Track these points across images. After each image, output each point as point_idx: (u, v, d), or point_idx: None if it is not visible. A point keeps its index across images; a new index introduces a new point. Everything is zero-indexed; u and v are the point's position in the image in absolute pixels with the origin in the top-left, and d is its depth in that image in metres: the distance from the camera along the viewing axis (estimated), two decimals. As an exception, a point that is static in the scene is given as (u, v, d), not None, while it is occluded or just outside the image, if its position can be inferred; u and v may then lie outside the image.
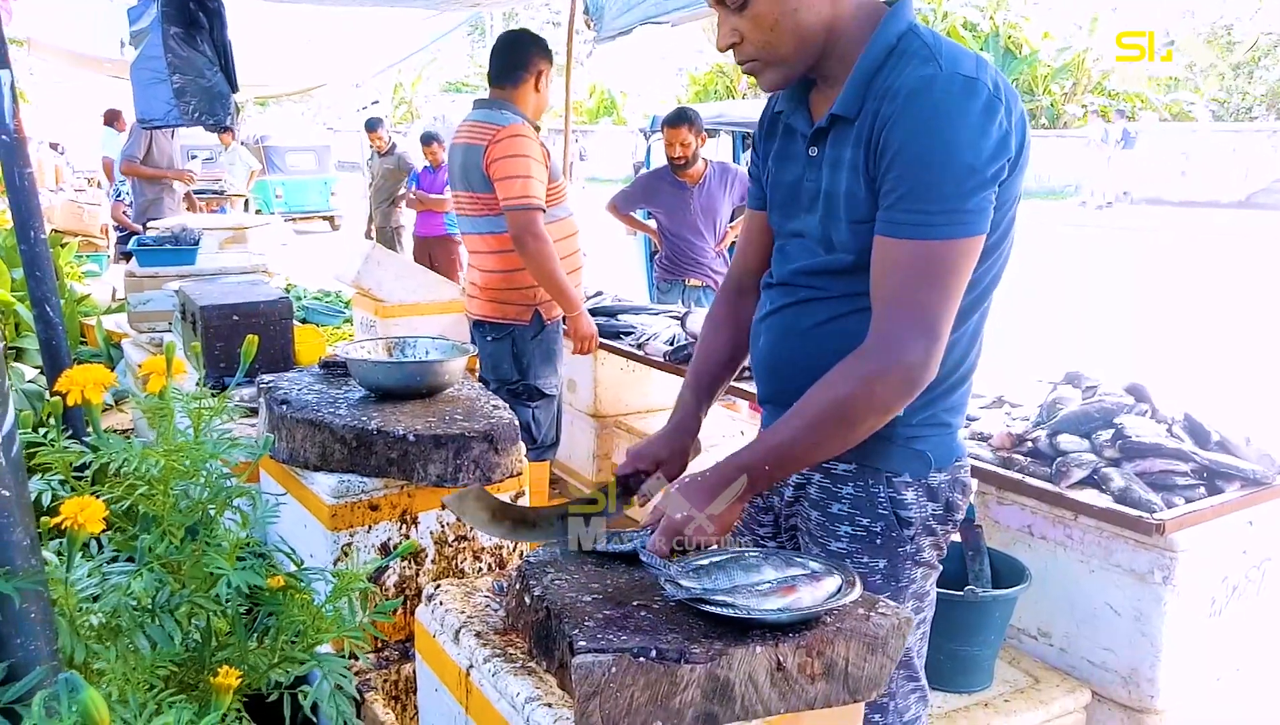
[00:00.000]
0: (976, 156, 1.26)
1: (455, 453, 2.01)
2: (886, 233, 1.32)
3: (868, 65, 1.35)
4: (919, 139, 1.27)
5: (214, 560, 0.82)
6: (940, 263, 1.29)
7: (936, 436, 1.46)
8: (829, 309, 1.45)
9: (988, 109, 1.27)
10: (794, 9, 1.34)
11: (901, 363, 1.29)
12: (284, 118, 27.49)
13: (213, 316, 2.76)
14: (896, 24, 1.36)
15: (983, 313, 1.46)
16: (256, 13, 4.76)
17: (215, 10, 3.20)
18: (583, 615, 1.27)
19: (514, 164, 3.08)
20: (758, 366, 1.59)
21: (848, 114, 1.36)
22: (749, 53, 1.40)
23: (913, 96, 1.28)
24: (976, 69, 1.29)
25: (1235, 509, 2.31)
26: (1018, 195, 1.38)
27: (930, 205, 1.27)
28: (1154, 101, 23.23)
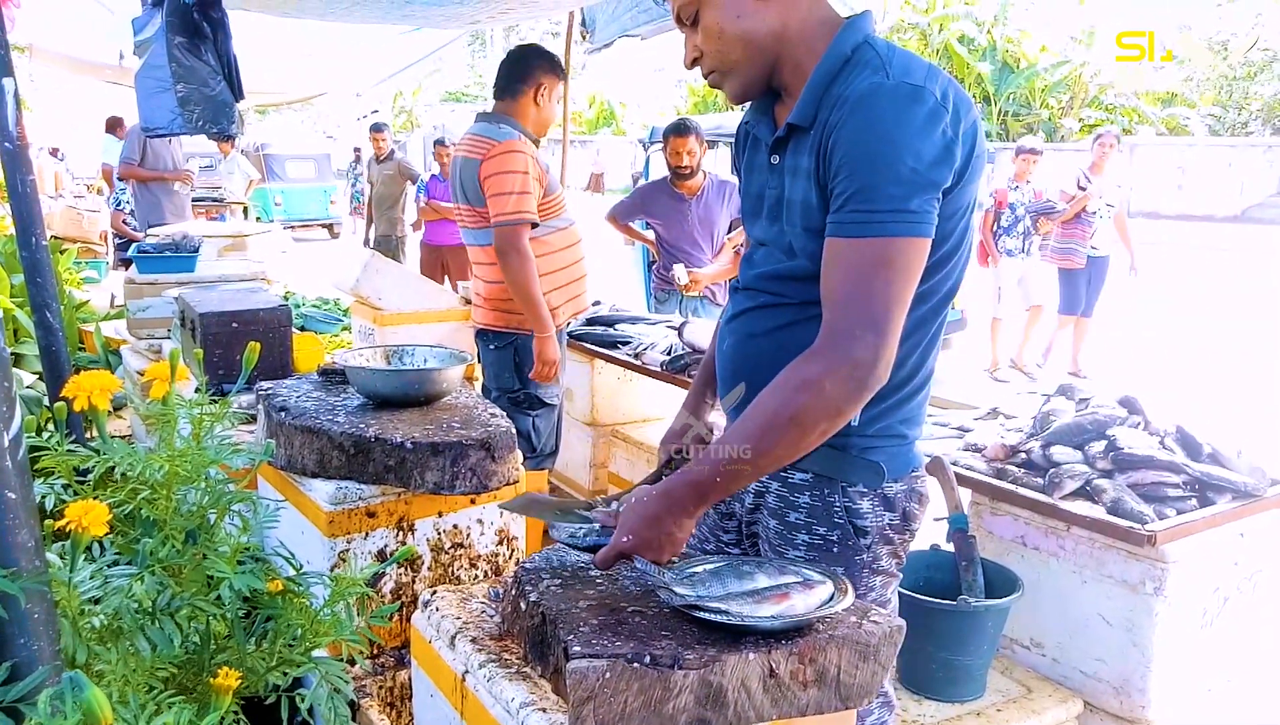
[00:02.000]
0: (918, 160, 1.28)
1: (452, 460, 2.02)
2: (834, 234, 1.34)
3: (822, 75, 1.38)
4: (863, 142, 1.30)
5: (215, 564, 0.83)
6: (884, 260, 1.30)
7: (891, 447, 1.48)
8: (788, 314, 1.47)
9: (932, 115, 1.29)
10: (736, 15, 1.40)
11: (849, 360, 1.29)
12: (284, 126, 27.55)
13: (212, 323, 2.78)
14: (853, 36, 1.40)
15: (938, 324, 1.47)
16: (258, 23, 4.78)
17: (219, 20, 3.23)
18: (577, 621, 1.28)
19: (506, 180, 3.10)
20: (720, 368, 1.62)
21: (803, 123, 1.39)
22: (708, 65, 1.47)
23: (859, 103, 1.31)
24: (925, 78, 1.32)
25: (1227, 521, 2.33)
26: (969, 205, 1.40)
27: (873, 205, 1.29)
28: (1150, 116, 23.32)
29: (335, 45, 6.65)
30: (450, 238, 7.74)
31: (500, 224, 3.11)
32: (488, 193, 3.13)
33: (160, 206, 7.66)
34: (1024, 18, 23.78)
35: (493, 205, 3.12)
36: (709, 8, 1.41)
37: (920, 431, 1.54)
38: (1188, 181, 18.91)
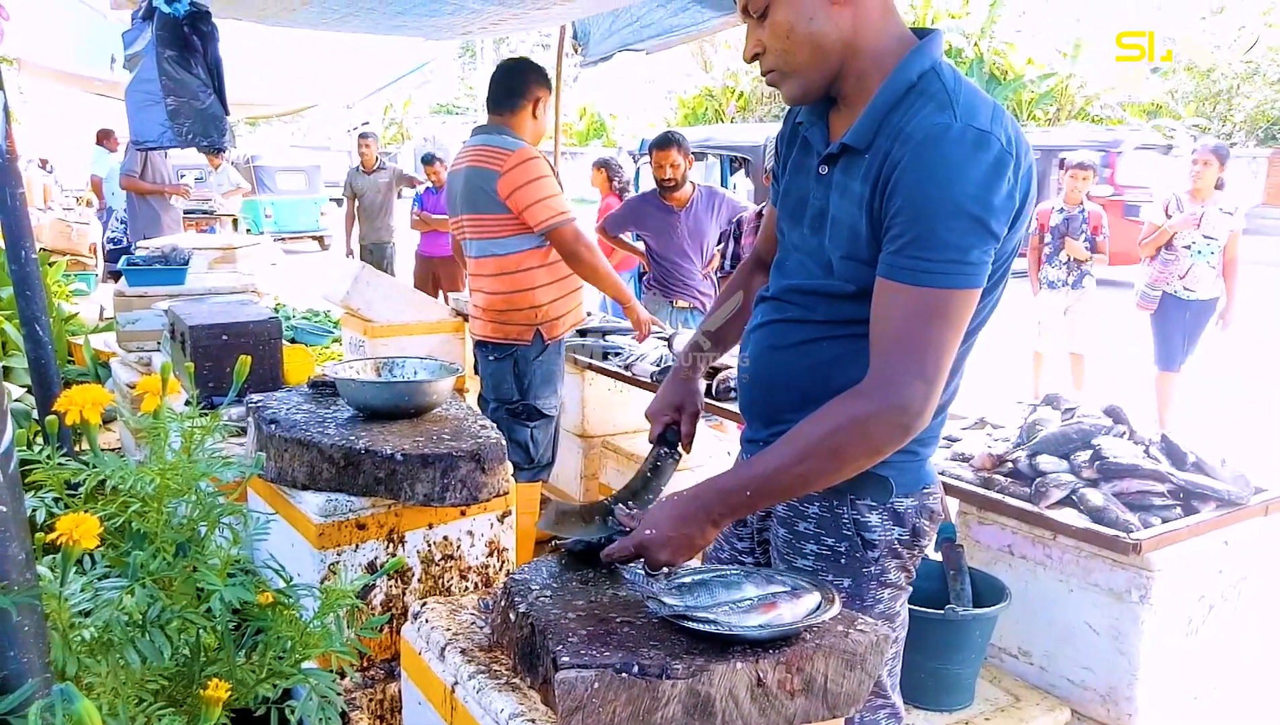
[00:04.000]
0: (984, 210, 1.28)
1: (442, 472, 2.03)
2: (889, 276, 1.33)
3: (885, 99, 1.36)
4: (927, 188, 1.28)
5: (205, 576, 0.84)
6: (940, 311, 1.30)
7: (903, 463, 1.48)
8: (813, 331, 1.48)
9: (998, 164, 1.28)
10: (809, 18, 1.36)
11: (897, 406, 1.31)
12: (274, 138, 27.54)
13: (202, 336, 2.78)
14: (920, 61, 1.37)
15: (967, 349, 1.48)
16: (249, 33, 4.79)
17: (209, 34, 3.25)
18: (566, 631, 1.29)
19: (535, 188, 3.15)
20: (740, 376, 1.64)
21: (859, 146, 1.37)
22: (770, 63, 1.43)
23: (925, 144, 1.29)
24: (991, 122, 1.30)
25: (1211, 529, 2.35)
26: (1016, 246, 1.40)
27: (933, 253, 1.28)
28: (1136, 127, 23.49)
29: (325, 58, 6.68)
30: (442, 249, 7.78)
31: (550, 228, 3.18)
32: (520, 205, 3.17)
33: (159, 220, 7.71)
34: (1010, 31, 23.96)
35: (533, 214, 3.17)
36: (781, 4, 1.37)
37: (934, 450, 1.55)
38: (1174, 192, 19.04)
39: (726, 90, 26.42)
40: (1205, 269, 5.58)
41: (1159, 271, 5.69)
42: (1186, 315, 5.67)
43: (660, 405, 1.72)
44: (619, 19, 4.61)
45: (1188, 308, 5.66)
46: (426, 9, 3.68)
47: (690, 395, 1.72)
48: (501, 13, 3.78)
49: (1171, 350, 5.77)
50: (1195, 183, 5.55)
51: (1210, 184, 5.53)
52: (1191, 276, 5.60)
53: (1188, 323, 5.69)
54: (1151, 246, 5.68)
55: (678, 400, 1.71)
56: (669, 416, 1.69)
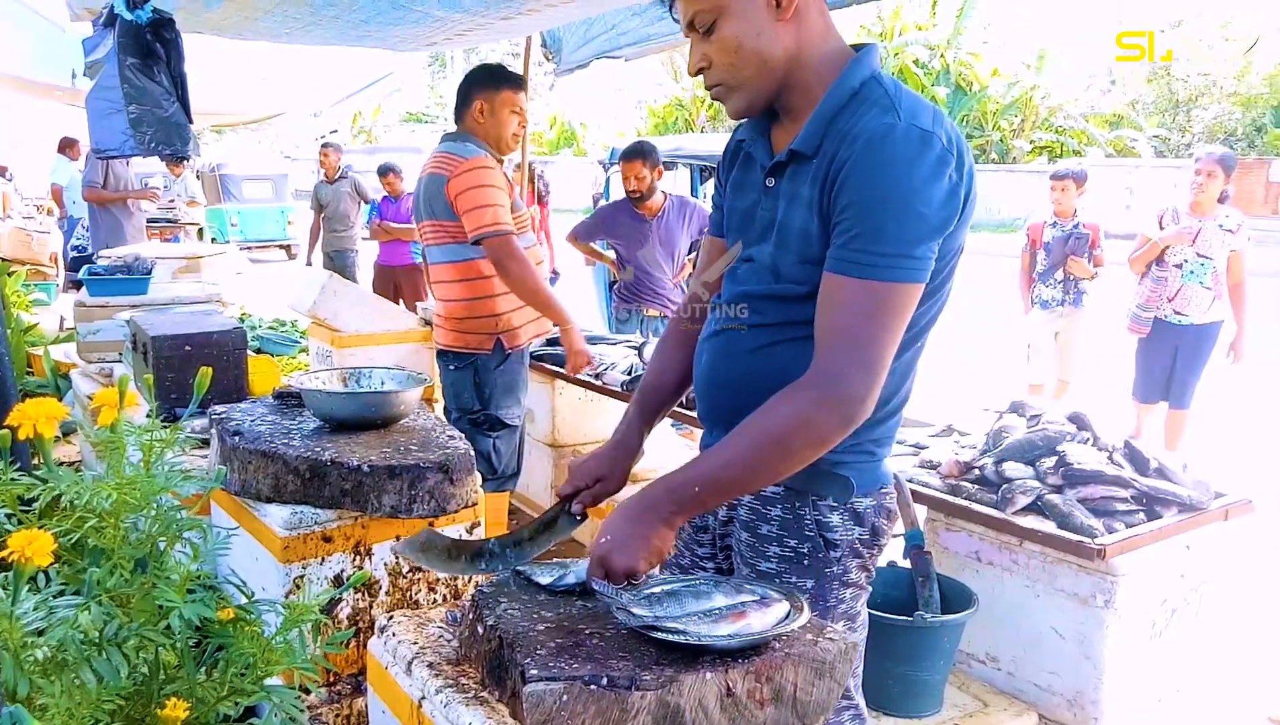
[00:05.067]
0: (927, 205, 1.32)
1: (410, 483, 2.01)
2: (835, 270, 1.36)
3: (830, 106, 1.40)
4: (875, 185, 1.32)
5: (164, 593, 0.82)
6: (884, 304, 1.34)
7: (861, 463, 1.51)
8: (769, 335, 1.50)
9: (940, 161, 1.33)
10: (756, 33, 1.40)
11: (841, 396, 1.34)
12: (240, 145, 27.27)
13: (164, 347, 2.74)
14: (860, 70, 1.42)
15: (916, 351, 1.51)
16: (214, 41, 4.74)
17: (173, 41, 3.20)
18: (534, 644, 1.28)
19: (478, 194, 3.13)
20: (698, 383, 1.64)
21: (807, 151, 1.41)
22: (716, 77, 1.46)
23: (871, 143, 1.33)
24: (933, 122, 1.35)
25: (1173, 534, 2.38)
26: (960, 246, 1.44)
27: (880, 247, 1.32)
28: (1098, 137, 23.90)
29: (292, 66, 6.62)
30: (403, 258, 7.79)
31: (483, 236, 3.13)
32: (462, 209, 3.15)
33: (122, 229, 7.60)
34: (976, 42, 24.30)
35: (469, 221, 3.14)
36: (729, 20, 1.40)
37: (890, 450, 1.57)
38: (1135, 201, 19.36)
39: (697, 100, 26.54)
40: (1198, 291, 4.87)
41: (1150, 292, 5.03)
42: (1177, 343, 4.96)
43: (586, 468, 1.64)
44: (594, 26, 4.61)
45: (1179, 335, 4.95)
46: (390, 17, 3.65)
47: (618, 470, 1.64)
48: (468, 22, 3.76)
49: (1151, 381, 5.10)
50: (1196, 195, 4.91)
51: (1213, 197, 4.87)
52: (1182, 299, 4.92)
53: (1179, 352, 4.98)
54: (1142, 262, 5.04)
55: (603, 471, 1.63)
56: (582, 483, 1.62)
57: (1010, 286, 6.47)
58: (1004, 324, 6.69)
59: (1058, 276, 5.55)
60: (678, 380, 1.73)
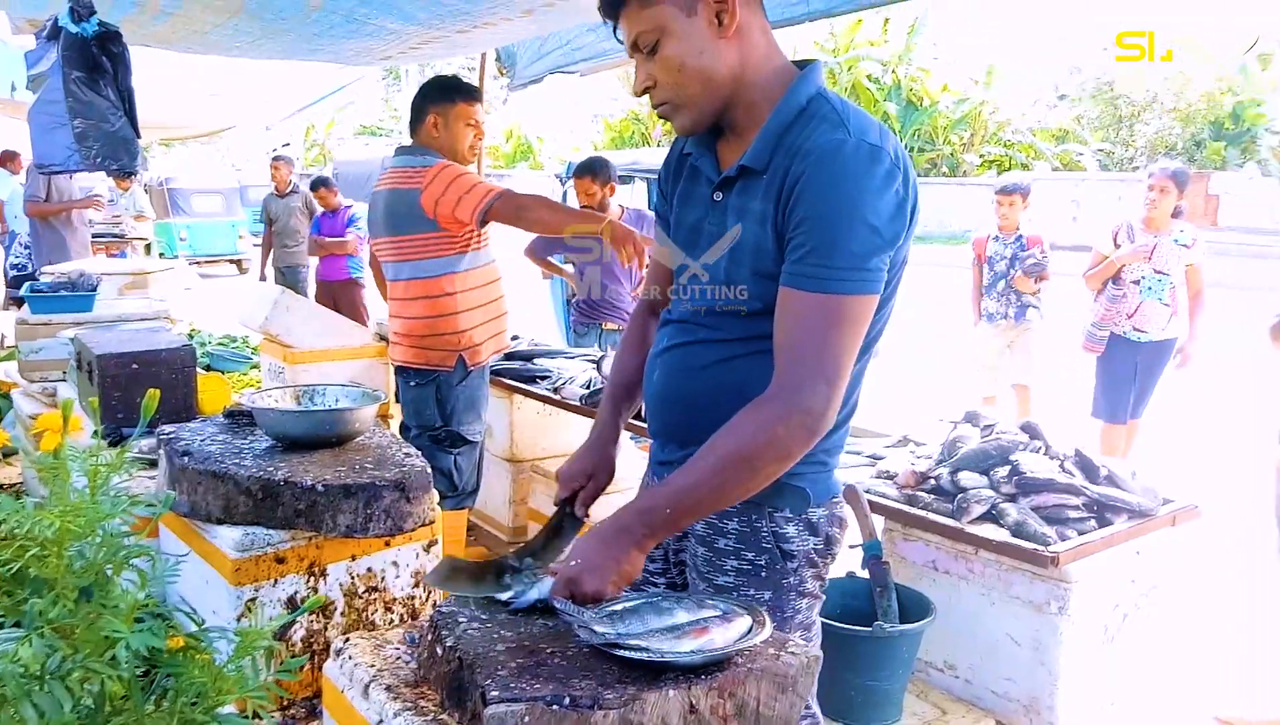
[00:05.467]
0: (878, 218, 1.34)
1: (366, 502, 1.98)
2: (792, 285, 1.38)
3: (779, 122, 1.43)
4: (828, 199, 1.35)
5: (110, 623, 0.80)
6: (842, 316, 1.36)
7: (815, 474, 1.53)
8: (723, 350, 1.51)
9: (889, 176, 1.36)
10: (699, 52, 1.42)
11: (803, 409, 1.35)
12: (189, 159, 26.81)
13: (110, 365, 2.68)
14: (807, 87, 1.45)
15: (865, 363, 1.53)
16: (164, 54, 4.66)
17: (119, 55, 3.14)
18: (495, 664, 1.27)
19: (457, 185, 3.07)
20: (650, 401, 1.64)
21: (758, 166, 1.43)
22: (661, 96, 1.48)
23: (824, 159, 1.35)
24: (880, 137, 1.38)
25: (1124, 540, 2.43)
26: (905, 259, 1.47)
27: (834, 260, 1.34)
28: (1045, 152, 24.46)
29: (244, 78, 6.53)
30: (339, 273, 7.78)
31: (486, 209, 3.04)
32: (449, 208, 3.08)
33: (65, 245, 7.41)
34: (926, 58, 24.76)
35: (463, 211, 3.06)
36: (672, 39, 1.42)
37: (839, 459, 1.59)
38: (1082, 214, 19.83)
39: (653, 115, 26.61)
40: (1157, 307, 4.79)
41: (1106, 309, 4.92)
42: (1136, 360, 4.87)
43: (574, 470, 1.69)
44: (548, 42, 4.62)
45: (1138, 351, 4.86)
46: (344, 30, 3.63)
47: (604, 464, 1.69)
48: (423, 35, 3.75)
49: (1116, 400, 4.95)
50: (1149, 211, 4.80)
51: (1166, 212, 4.78)
52: (1141, 315, 4.81)
53: (1139, 368, 4.88)
54: (1097, 280, 4.94)
55: (590, 468, 1.69)
56: (578, 483, 1.68)
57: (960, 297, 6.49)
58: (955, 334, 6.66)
59: (999, 288, 5.53)
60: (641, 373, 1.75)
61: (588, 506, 1.67)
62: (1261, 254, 14.59)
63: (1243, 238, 16.97)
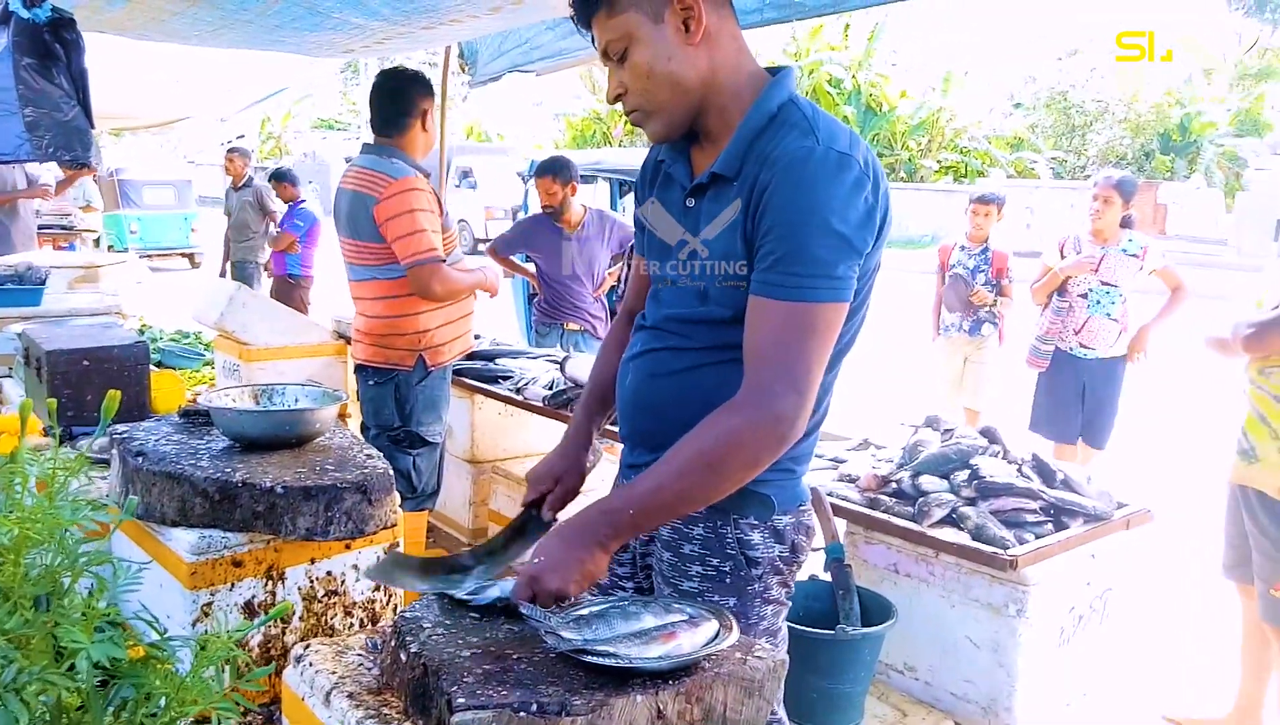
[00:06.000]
0: (846, 225, 1.34)
1: (326, 505, 1.95)
2: (762, 293, 1.38)
3: (749, 129, 1.43)
4: (796, 207, 1.35)
5: (69, 633, 0.77)
6: (811, 324, 1.36)
7: (781, 481, 1.53)
8: (695, 357, 1.51)
9: (857, 184, 1.36)
10: (668, 58, 1.42)
11: (772, 417, 1.35)
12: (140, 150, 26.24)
13: (60, 362, 2.60)
14: (779, 93, 1.45)
15: (836, 372, 1.54)
16: (116, 42, 4.55)
17: (73, 42, 3.05)
18: (461, 670, 1.25)
19: (408, 221, 3.04)
20: (622, 405, 1.64)
21: (728, 173, 1.43)
22: (633, 103, 1.48)
23: (791, 167, 1.35)
24: (850, 145, 1.38)
25: (1079, 543, 2.47)
26: (876, 266, 1.47)
27: (803, 268, 1.34)
28: (1000, 159, 24.88)
29: (199, 69, 6.39)
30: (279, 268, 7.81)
31: (415, 264, 3.07)
32: (391, 236, 3.07)
33: (8, 236, 7.17)
34: (885, 64, 25.06)
35: (399, 248, 3.07)
36: (640, 46, 1.42)
37: (807, 468, 1.59)
38: (1036, 221, 20.19)
39: (614, 113, 26.65)
40: (1104, 323, 4.53)
41: (1051, 323, 4.67)
42: (1083, 379, 4.61)
43: (542, 471, 1.70)
44: (508, 40, 4.59)
45: (1084, 369, 4.60)
46: (307, 23, 3.57)
47: (573, 468, 1.69)
48: (387, 30, 3.70)
49: (1062, 419, 4.68)
50: (1095, 222, 4.58)
51: (1113, 223, 4.55)
52: (1088, 331, 4.56)
53: (1086, 389, 4.62)
54: (1043, 293, 4.70)
55: (559, 471, 1.68)
56: (545, 485, 1.67)
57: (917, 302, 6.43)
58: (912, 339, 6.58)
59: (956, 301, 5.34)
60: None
61: (555, 510, 1.65)
62: (1206, 262, 14.99)
63: (1189, 246, 17.44)
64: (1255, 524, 2.72)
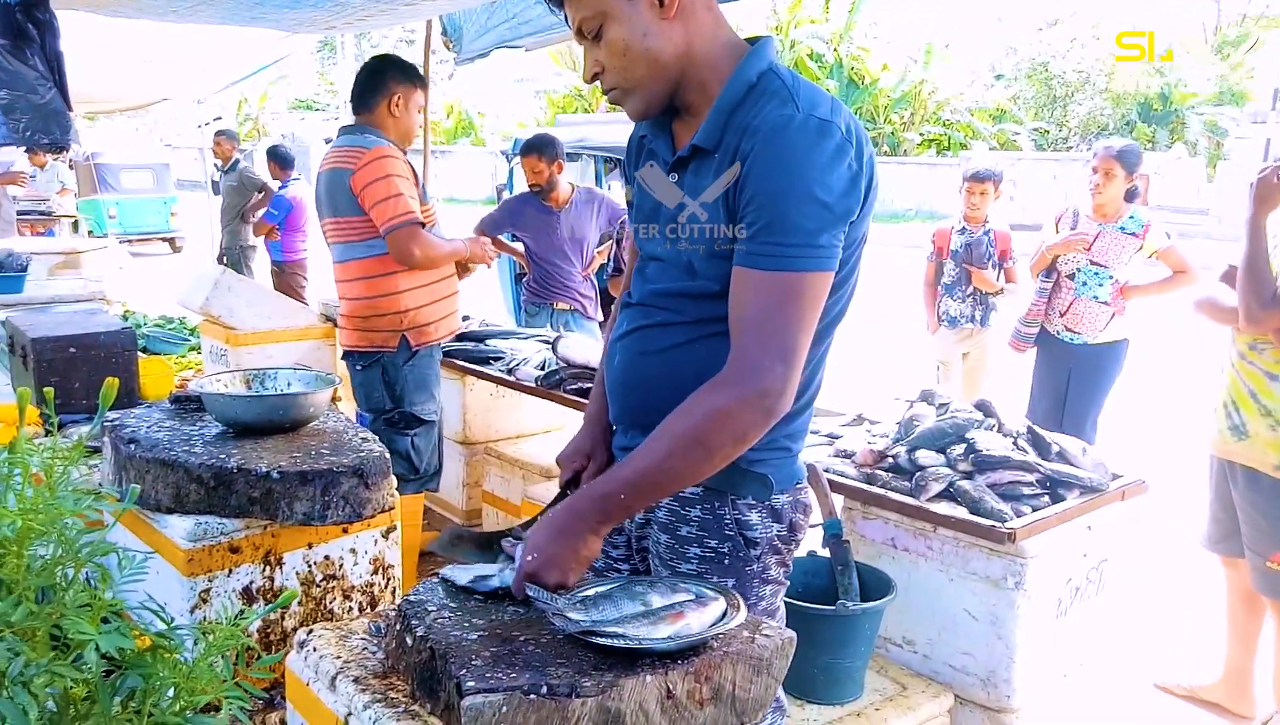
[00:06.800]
0: (828, 194, 1.32)
1: (323, 489, 1.94)
2: (745, 264, 1.36)
3: (728, 100, 1.40)
4: (776, 176, 1.33)
5: (76, 624, 0.75)
6: (796, 294, 1.34)
7: (778, 460, 1.51)
8: (684, 333, 1.49)
9: (839, 150, 1.33)
10: (643, 34, 1.39)
11: (759, 389, 1.33)
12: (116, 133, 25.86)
13: (47, 349, 2.57)
14: (757, 62, 1.42)
15: (827, 345, 1.52)
16: (90, 23, 4.46)
17: (46, 22, 2.98)
18: (469, 654, 1.24)
19: (384, 186, 3.05)
20: (611, 385, 1.62)
21: (708, 146, 1.41)
22: (610, 81, 1.45)
23: (772, 135, 1.33)
24: (831, 112, 1.36)
25: (1076, 515, 2.48)
26: (864, 235, 1.45)
27: (786, 237, 1.32)
28: (982, 131, 24.87)
29: (175, 49, 6.29)
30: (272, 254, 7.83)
31: (391, 228, 3.06)
32: (368, 203, 3.08)
33: None
34: (867, 37, 24.95)
35: (377, 214, 3.07)
36: (614, 23, 1.39)
37: (803, 445, 1.58)
38: (1019, 193, 20.23)
39: (595, 90, 26.47)
40: (1092, 306, 4.15)
41: (1035, 303, 4.33)
42: (1069, 365, 4.26)
43: (570, 451, 1.69)
44: (494, 15, 4.52)
45: (1070, 355, 4.24)
46: (287, 0, 3.51)
47: (600, 440, 1.69)
48: (369, 8, 3.64)
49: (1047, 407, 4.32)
50: (1096, 196, 4.12)
51: (1116, 198, 4.09)
52: (1074, 314, 4.19)
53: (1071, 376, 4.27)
54: (1039, 270, 4.33)
55: (587, 447, 1.68)
56: (578, 463, 1.67)
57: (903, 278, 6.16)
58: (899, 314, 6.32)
59: (966, 290, 4.84)
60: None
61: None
62: (1188, 232, 15.04)
63: (1171, 216, 17.48)
64: (1245, 499, 2.74)
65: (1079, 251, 4.15)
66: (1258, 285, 2.54)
